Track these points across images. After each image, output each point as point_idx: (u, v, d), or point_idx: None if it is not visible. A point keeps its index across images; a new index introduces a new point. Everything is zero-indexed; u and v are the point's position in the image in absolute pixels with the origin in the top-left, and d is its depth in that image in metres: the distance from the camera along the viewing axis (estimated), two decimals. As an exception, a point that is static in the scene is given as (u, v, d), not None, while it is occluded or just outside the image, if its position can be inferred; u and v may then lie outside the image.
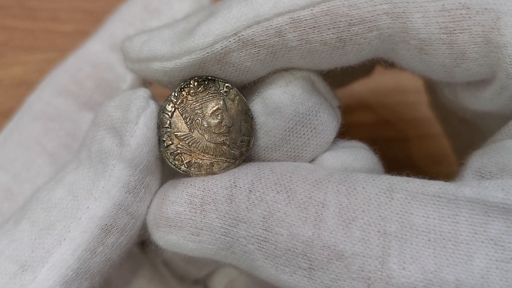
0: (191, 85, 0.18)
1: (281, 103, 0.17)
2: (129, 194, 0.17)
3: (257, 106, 0.18)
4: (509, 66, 0.15)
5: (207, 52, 0.16)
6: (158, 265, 0.22)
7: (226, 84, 0.18)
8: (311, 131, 0.18)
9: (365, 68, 0.25)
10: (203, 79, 0.18)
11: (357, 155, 0.19)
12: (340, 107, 0.19)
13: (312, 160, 0.19)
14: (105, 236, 0.17)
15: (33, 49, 0.36)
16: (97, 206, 0.17)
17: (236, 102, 0.18)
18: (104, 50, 0.23)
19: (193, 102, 0.18)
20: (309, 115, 0.18)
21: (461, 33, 0.15)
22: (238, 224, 0.16)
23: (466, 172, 0.17)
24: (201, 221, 0.17)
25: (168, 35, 0.17)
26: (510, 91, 0.16)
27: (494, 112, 0.18)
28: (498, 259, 0.14)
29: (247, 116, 0.18)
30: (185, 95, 0.18)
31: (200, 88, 0.18)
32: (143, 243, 0.21)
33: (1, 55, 0.36)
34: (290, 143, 0.18)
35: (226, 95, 0.18)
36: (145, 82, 0.23)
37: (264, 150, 0.18)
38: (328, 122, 0.18)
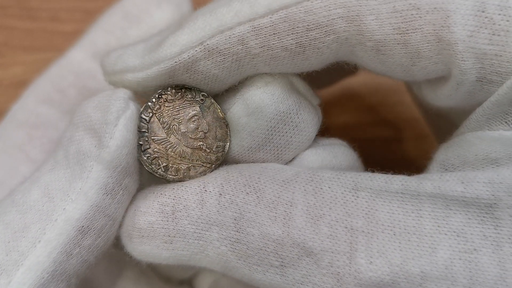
0: (169, 93, 0.18)
1: (262, 102, 0.18)
2: (107, 196, 0.17)
3: (239, 108, 0.18)
4: (461, 62, 0.16)
5: (175, 62, 0.17)
6: (143, 267, 0.22)
7: (202, 93, 0.18)
8: (293, 129, 0.18)
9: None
10: (180, 87, 0.18)
11: (337, 153, 0.19)
12: (320, 105, 0.20)
13: (293, 159, 0.19)
14: (81, 238, 0.17)
15: (33, 49, 0.36)
16: (73, 207, 0.16)
17: (212, 109, 0.18)
18: (86, 59, 0.23)
19: (170, 109, 0.18)
20: (290, 113, 0.18)
21: (414, 32, 0.16)
22: (210, 228, 0.17)
23: (432, 166, 0.18)
24: (174, 229, 0.17)
25: (141, 48, 0.18)
26: (465, 86, 0.16)
27: (455, 107, 0.18)
28: (461, 250, 0.15)
29: (222, 123, 0.18)
30: (162, 101, 0.18)
31: (177, 96, 0.18)
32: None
33: (1, 55, 0.36)
34: (273, 142, 0.18)
35: (202, 103, 0.18)
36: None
37: (249, 150, 0.18)
38: (309, 119, 0.18)
